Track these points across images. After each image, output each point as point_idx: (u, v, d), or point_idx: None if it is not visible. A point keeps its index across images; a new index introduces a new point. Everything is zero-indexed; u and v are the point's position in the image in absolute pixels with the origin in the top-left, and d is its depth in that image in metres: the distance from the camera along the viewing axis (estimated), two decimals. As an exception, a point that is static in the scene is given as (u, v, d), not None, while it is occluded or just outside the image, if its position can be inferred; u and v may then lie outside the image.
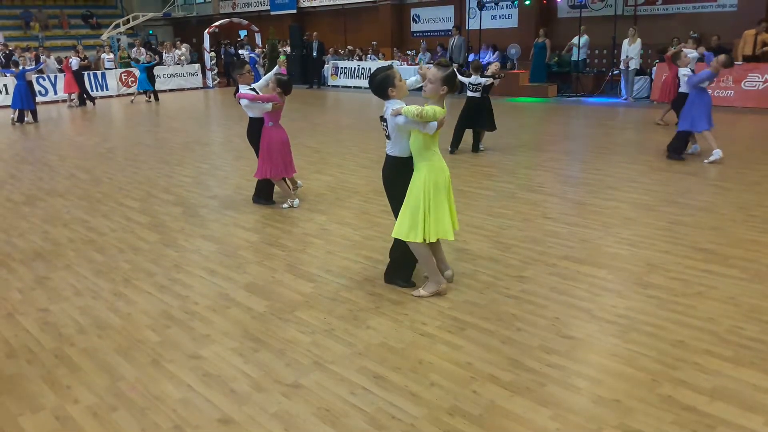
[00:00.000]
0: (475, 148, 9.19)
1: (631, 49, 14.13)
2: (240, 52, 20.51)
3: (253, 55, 18.64)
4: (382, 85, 3.95)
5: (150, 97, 18.78)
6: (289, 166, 6.37)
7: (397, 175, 4.09)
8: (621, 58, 14.45)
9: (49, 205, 6.91)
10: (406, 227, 3.93)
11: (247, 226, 5.88)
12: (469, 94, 9.01)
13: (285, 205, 6.43)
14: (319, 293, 4.24)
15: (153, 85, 18.85)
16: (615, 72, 15.70)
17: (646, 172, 7.47)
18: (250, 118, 6.44)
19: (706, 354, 3.25)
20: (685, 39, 14.94)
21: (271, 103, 6.07)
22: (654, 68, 14.70)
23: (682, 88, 8.64)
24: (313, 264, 4.80)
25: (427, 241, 3.94)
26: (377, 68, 4.12)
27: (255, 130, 6.40)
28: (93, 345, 3.64)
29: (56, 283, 4.63)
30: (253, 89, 6.29)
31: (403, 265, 4.28)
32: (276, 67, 7.10)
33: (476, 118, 9.00)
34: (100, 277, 4.71)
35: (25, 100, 14.33)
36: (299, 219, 6.04)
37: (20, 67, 14.77)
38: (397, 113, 3.77)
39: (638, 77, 14.86)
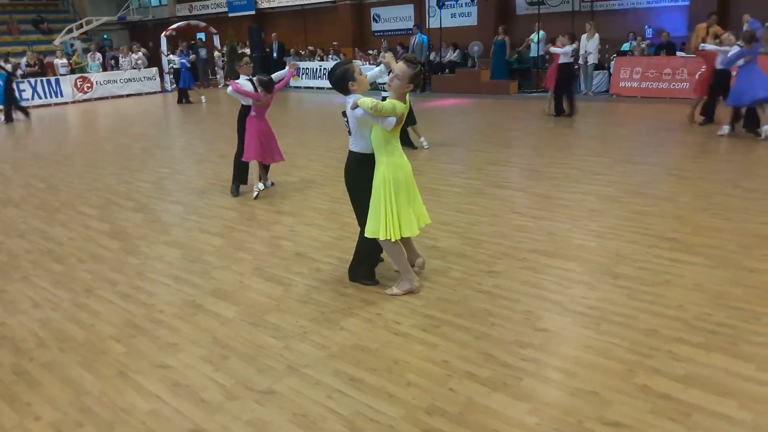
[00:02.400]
0: (409, 143, 8.80)
1: (589, 44, 14.35)
2: (171, 57, 19.97)
3: (184, 60, 18.25)
4: (342, 79, 3.89)
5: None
6: (266, 155, 6.78)
7: (358, 172, 4.03)
8: (579, 53, 14.65)
9: (3, 216, 6.64)
10: (372, 225, 3.90)
11: (212, 230, 5.75)
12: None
13: (254, 193, 6.75)
14: (289, 296, 4.16)
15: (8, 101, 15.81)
16: (574, 67, 15.92)
17: (610, 164, 7.58)
18: (242, 104, 6.89)
19: (678, 342, 3.28)
20: (642, 34, 15.32)
21: (251, 99, 6.57)
22: (612, 62, 14.96)
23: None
24: (282, 267, 4.70)
25: (392, 239, 3.89)
26: (336, 63, 4.07)
27: (242, 115, 6.89)
28: (54, 358, 3.49)
29: (13, 296, 4.44)
30: (252, 80, 6.68)
31: (365, 262, 4.24)
32: (286, 67, 7.39)
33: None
34: (60, 288, 4.53)
35: None
36: (267, 221, 5.94)
37: None
38: (356, 105, 3.72)
39: (597, 72, 15.11)
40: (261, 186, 6.87)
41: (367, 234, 3.95)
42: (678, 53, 14.20)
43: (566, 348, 3.31)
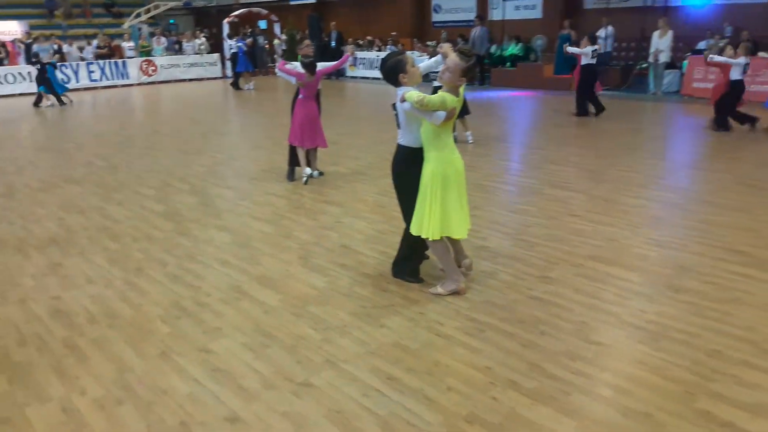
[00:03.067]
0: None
1: (661, 42, 13.71)
2: (229, 42, 20.32)
3: (241, 44, 18.62)
4: (393, 70, 3.77)
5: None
6: (306, 139, 6.82)
7: (404, 166, 3.92)
8: (650, 51, 14.04)
9: (65, 193, 6.86)
10: (417, 222, 3.78)
11: (262, 217, 5.76)
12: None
13: (303, 178, 6.88)
14: (332, 288, 4.10)
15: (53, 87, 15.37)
16: (643, 65, 15.29)
17: (675, 169, 7.21)
18: (296, 88, 6.96)
19: (744, 365, 3.05)
20: (720, 32, 14.51)
21: (294, 78, 6.66)
22: (685, 62, 14.27)
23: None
24: (327, 258, 4.66)
25: (431, 239, 3.76)
26: (389, 53, 3.94)
27: (295, 98, 6.99)
28: (103, 335, 3.55)
29: (69, 271, 4.56)
30: (309, 63, 6.63)
31: (410, 259, 4.14)
32: (347, 55, 7.44)
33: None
34: (113, 266, 4.62)
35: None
36: (315, 211, 5.91)
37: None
38: (404, 99, 3.59)
39: (668, 71, 14.44)
40: (308, 171, 6.92)
41: (412, 231, 3.84)
42: (760, 54, 13.38)
43: (620, 363, 3.12)
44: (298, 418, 2.73)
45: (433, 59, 4.23)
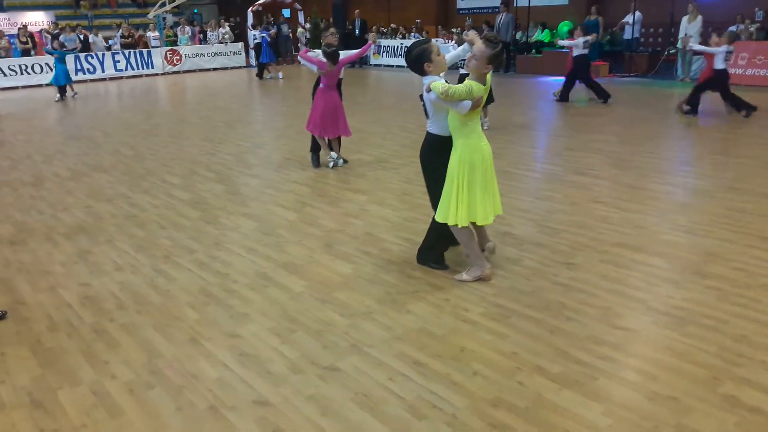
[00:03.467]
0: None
1: (690, 27, 13.43)
2: (253, 32, 20.38)
3: (265, 35, 18.71)
4: (418, 59, 3.77)
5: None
6: (328, 128, 6.84)
7: (433, 154, 3.92)
8: (679, 36, 13.75)
9: (93, 180, 6.99)
10: (443, 209, 3.79)
11: (286, 205, 5.81)
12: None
13: (330, 163, 7.05)
14: (357, 275, 4.14)
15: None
16: (671, 51, 15.00)
17: (702, 155, 7.09)
18: (318, 76, 7.00)
19: (773, 351, 3.01)
20: (750, 17, 14.14)
21: (316, 67, 6.66)
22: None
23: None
24: (351, 245, 4.69)
25: (460, 226, 3.76)
26: (414, 42, 3.93)
27: (316, 86, 7.03)
28: (132, 321, 3.62)
29: (97, 258, 4.65)
30: (331, 52, 6.64)
31: (435, 247, 4.14)
32: (370, 43, 7.67)
33: None
34: (141, 253, 4.71)
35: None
36: (339, 199, 5.94)
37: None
38: (429, 89, 3.59)
39: (696, 57, 14.14)
40: (334, 155, 7.03)
41: (438, 218, 3.85)
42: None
43: (646, 349, 3.11)
44: (325, 402, 2.77)
45: (460, 48, 4.21)
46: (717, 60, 9.18)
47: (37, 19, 23.62)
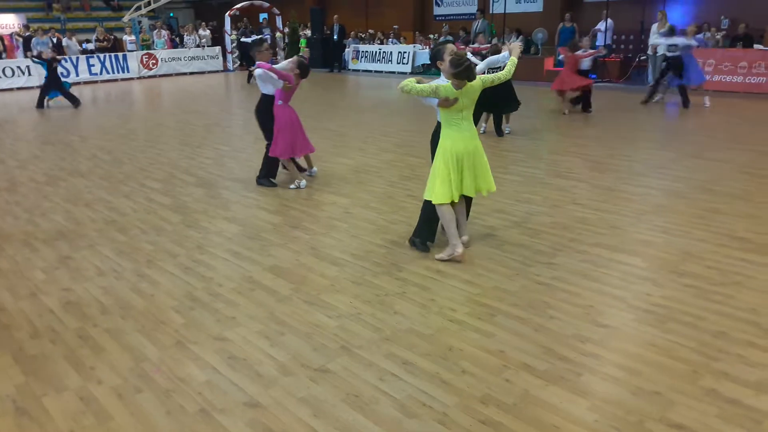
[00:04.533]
0: (499, 132, 9.05)
1: (659, 34, 13.73)
2: (245, 39, 20.47)
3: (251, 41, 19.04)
4: (434, 56, 4.43)
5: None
6: (297, 147, 6.30)
7: (434, 137, 4.47)
8: (649, 43, 14.07)
9: (71, 185, 6.90)
10: (427, 187, 4.33)
11: (269, 208, 5.81)
12: None
13: (292, 186, 6.42)
14: (344, 277, 4.16)
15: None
16: (642, 57, 15.33)
17: (676, 159, 7.26)
18: (262, 94, 6.37)
19: (748, 346, 3.12)
20: (717, 25, 14.54)
21: (282, 81, 6.05)
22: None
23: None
24: (337, 247, 4.71)
25: (435, 203, 4.21)
26: (438, 41, 4.47)
27: (264, 106, 6.37)
28: (116, 326, 3.60)
29: (79, 263, 4.60)
30: (306, 65, 6.21)
31: (424, 227, 4.55)
32: (300, 52, 7.09)
33: (494, 101, 8.48)
34: (123, 258, 4.67)
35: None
36: (322, 202, 5.96)
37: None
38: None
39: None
40: (304, 184, 6.41)
41: (424, 195, 4.36)
42: (756, 46, 13.44)
43: (629, 345, 3.19)
44: (317, 403, 2.79)
45: (501, 54, 4.91)
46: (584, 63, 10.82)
47: (8, 22, 23.19)
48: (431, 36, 20.60)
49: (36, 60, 14.14)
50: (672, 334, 3.26)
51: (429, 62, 4.86)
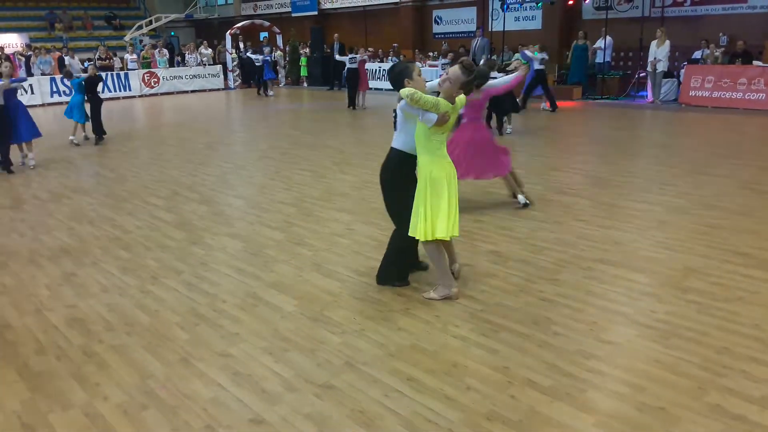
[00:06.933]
0: (500, 132, 9.40)
1: (659, 51, 13.87)
2: (254, 56, 20.82)
3: (267, 58, 19.63)
4: (399, 76, 3.89)
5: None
6: (470, 170, 5.77)
7: (394, 169, 4.05)
8: (648, 60, 14.21)
9: (74, 203, 6.93)
10: (413, 224, 3.86)
11: (272, 224, 5.84)
12: None
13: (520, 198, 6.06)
14: (347, 293, 4.18)
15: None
16: (641, 74, 15.46)
17: (678, 175, 7.30)
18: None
19: (752, 361, 3.12)
20: (715, 42, 14.67)
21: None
22: (682, 70, 14.46)
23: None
24: (340, 263, 4.73)
25: (425, 239, 3.81)
26: (398, 61, 4.21)
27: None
28: (122, 342, 3.60)
29: (83, 280, 4.62)
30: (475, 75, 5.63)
31: (396, 262, 4.22)
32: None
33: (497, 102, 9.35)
34: (127, 274, 4.68)
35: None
36: (325, 218, 5.99)
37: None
38: (401, 97, 3.76)
39: (665, 79, 14.61)
40: (522, 198, 6.01)
41: (410, 232, 3.89)
42: (755, 62, 13.56)
43: (633, 361, 3.20)
44: (322, 419, 2.79)
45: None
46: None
47: (11, 41, 23.39)
48: (431, 54, 20.77)
49: (77, 79, 11.68)
50: (676, 350, 3.26)
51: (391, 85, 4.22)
